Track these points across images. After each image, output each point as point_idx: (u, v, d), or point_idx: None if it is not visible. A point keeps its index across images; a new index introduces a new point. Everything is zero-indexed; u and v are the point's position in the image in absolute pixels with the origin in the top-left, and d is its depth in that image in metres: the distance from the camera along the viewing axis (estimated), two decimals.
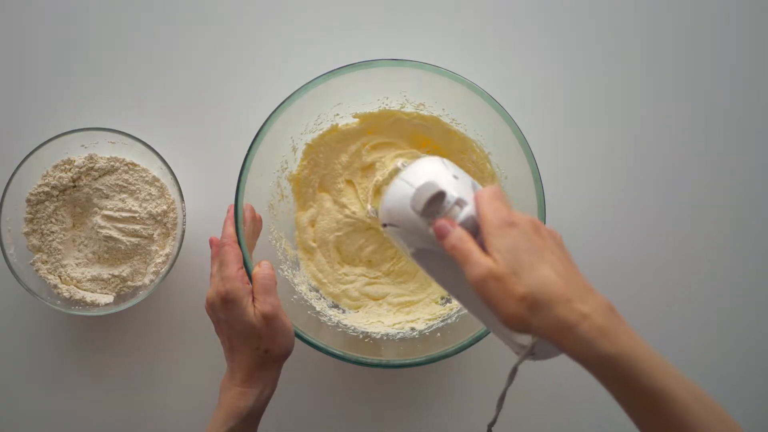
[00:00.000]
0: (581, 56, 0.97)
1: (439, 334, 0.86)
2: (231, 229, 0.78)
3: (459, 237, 0.61)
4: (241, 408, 0.74)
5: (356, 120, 0.91)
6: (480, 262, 0.58)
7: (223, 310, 0.75)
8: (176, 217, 0.90)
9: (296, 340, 0.79)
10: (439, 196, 0.64)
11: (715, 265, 0.95)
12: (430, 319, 0.89)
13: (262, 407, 0.77)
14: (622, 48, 0.97)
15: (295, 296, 0.88)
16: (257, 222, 0.83)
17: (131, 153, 0.90)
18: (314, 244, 0.93)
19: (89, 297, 0.88)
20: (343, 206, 0.93)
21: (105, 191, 0.90)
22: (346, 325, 0.87)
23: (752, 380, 0.95)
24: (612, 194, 0.96)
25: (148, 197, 0.90)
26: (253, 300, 0.75)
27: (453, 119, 0.90)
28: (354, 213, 0.92)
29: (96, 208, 0.90)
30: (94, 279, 0.89)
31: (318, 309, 0.89)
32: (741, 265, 0.95)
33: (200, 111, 0.96)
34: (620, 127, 0.96)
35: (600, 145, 0.96)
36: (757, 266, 0.95)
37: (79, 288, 0.89)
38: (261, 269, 0.77)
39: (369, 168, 0.93)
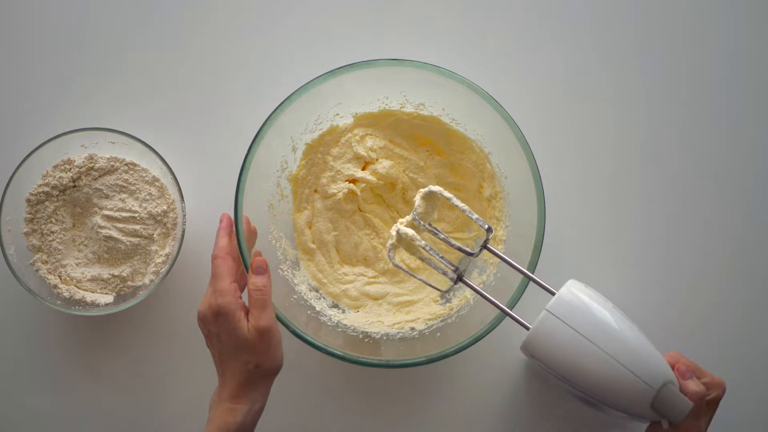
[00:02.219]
0: (581, 56, 0.97)
1: (439, 333, 0.86)
2: (224, 241, 0.77)
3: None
4: (231, 424, 0.73)
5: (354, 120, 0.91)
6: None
7: (215, 324, 0.74)
8: (176, 217, 0.89)
9: (296, 340, 0.79)
10: None
11: (718, 260, 0.95)
12: (429, 319, 0.89)
13: (253, 423, 0.76)
14: (623, 48, 0.97)
15: (294, 296, 0.88)
16: (252, 234, 0.82)
17: (131, 153, 0.90)
18: (313, 246, 0.93)
19: (89, 297, 0.88)
20: (327, 195, 0.92)
21: (105, 191, 0.89)
22: (346, 325, 0.87)
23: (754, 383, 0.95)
24: (612, 193, 0.96)
25: (148, 197, 0.90)
26: (247, 314, 0.74)
27: (453, 119, 0.90)
28: (335, 194, 0.92)
29: (96, 208, 0.90)
30: (94, 279, 0.89)
31: (318, 309, 0.89)
32: (747, 260, 0.95)
33: (200, 111, 0.96)
34: (620, 126, 0.96)
35: (600, 144, 0.96)
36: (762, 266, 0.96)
37: (79, 288, 0.89)
38: (255, 281, 0.75)
39: (359, 159, 0.93)
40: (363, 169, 0.93)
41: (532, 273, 0.78)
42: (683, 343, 0.93)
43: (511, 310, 0.78)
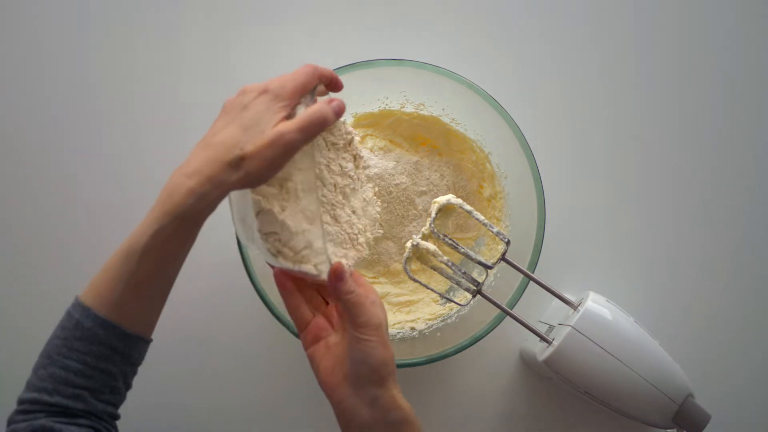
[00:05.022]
0: (581, 56, 0.97)
1: (439, 333, 0.86)
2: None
3: None
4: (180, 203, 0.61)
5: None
6: None
7: (256, 98, 0.66)
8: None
9: (297, 340, 0.78)
10: None
11: (721, 260, 0.95)
12: (429, 319, 0.89)
13: (203, 212, 0.61)
14: (621, 48, 0.97)
15: None
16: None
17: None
18: None
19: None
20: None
21: (332, 166, 0.68)
22: None
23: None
24: (611, 192, 0.96)
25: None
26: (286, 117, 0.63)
27: (453, 119, 0.90)
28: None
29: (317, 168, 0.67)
30: (308, 246, 0.65)
31: None
32: (750, 262, 0.96)
33: (200, 110, 0.96)
34: (619, 126, 0.97)
35: (599, 144, 0.96)
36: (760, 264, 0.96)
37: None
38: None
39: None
40: None
41: (532, 272, 0.78)
42: (683, 342, 0.94)
43: (511, 309, 0.78)
